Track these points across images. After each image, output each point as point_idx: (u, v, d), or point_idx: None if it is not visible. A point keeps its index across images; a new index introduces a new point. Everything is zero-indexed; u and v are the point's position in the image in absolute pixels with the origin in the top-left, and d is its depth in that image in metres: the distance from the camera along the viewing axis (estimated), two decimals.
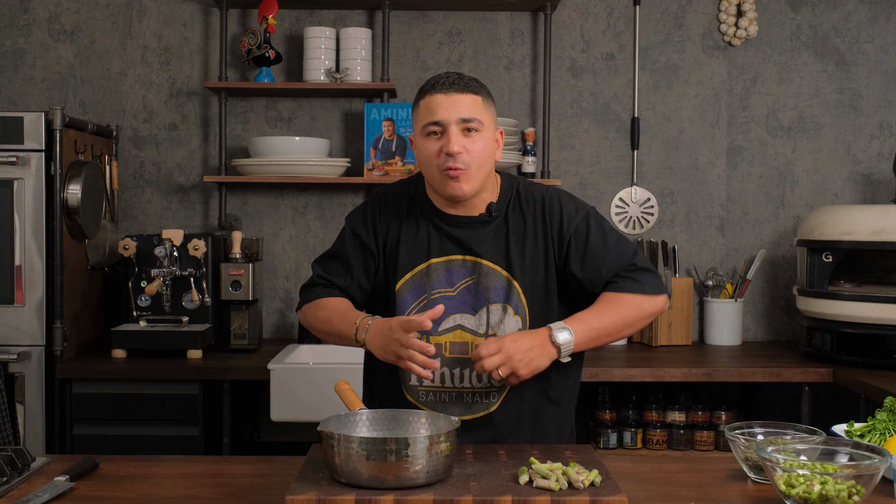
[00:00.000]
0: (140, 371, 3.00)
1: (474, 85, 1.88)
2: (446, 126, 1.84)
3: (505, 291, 1.91)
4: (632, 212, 3.66)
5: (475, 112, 1.86)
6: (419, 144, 1.90)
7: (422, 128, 1.88)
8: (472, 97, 1.86)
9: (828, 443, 1.62)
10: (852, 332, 3.03)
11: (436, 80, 1.88)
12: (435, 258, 1.93)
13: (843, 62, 3.65)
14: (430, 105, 1.86)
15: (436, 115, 1.85)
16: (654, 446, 3.30)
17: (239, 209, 3.64)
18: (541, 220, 1.94)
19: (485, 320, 1.91)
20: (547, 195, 1.97)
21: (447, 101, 1.85)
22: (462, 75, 1.89)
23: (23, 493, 1.60)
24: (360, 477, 1.48)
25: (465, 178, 1.85)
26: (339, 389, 1.80)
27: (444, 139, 1.85)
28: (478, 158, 1.86)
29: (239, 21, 3.62)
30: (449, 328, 1.91)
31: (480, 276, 1.91)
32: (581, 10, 3.65)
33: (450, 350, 1.91)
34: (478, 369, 1.77)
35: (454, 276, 1.92)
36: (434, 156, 1.86)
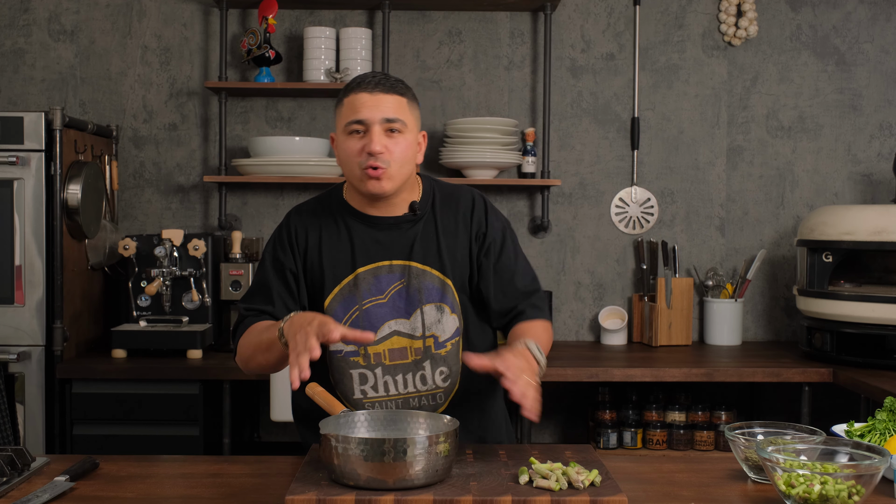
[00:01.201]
0: (140, 371, 3.00)
1: (400, 86, 1.87)
2: (369, 125, 1.83)
3: (439, 291, 1.91)
4: (632, 212, 3.66)
5: (399, 113, 1.85)
6: (341, 143, 1.88)
7: (344, 125, 1.86)
8: (397, 98, 1.85)
9: (828, 443, 1.62)
10: (852, 332, 3.03)
11: (361, 78, 1.87)
12: (362, 267, 1.90)
13: (843, 62, 3.65)
14: (354, 103, 1.84)
15: (359, 113, 1.83)
16: (654, 446, 3.30)
17: (239, 209, 3.64)
18: (470, 219, 1.95)
19: (420, 322, 1.89)
20: (475, 197, 1.99)
21: (372, 101, 1.83)
22: (388, 76, 1.89)
23: (23, 493, 1.60)
24: (358, 478, 1.48)
25: (386, 176, 1.84)
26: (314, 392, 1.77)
27: (367, 138, 1.83)
28: (399, 159, 1.85)
29: (239, 21, 3.62)
30: (385, 336, 1.89)
31: (411, 279, 1.90)
32: (581, 10, 3.65)
33: (389, 358, 1.89)
34: (529, 399, 1.64)
35: (383, 282, 1.90)
36: (356, 154, 1.84)
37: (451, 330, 1.91)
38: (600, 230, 3.67)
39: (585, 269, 3.68)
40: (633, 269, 3.69)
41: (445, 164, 3.49)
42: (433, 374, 1.91)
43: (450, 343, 1.92)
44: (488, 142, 3.41)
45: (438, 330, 1.90)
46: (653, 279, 3.55)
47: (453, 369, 1.93)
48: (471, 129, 3.41)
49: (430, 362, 1.90)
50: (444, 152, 3.47)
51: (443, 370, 1.92)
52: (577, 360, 3.16)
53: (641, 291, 3.64)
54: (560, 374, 3.01)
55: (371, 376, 1.89)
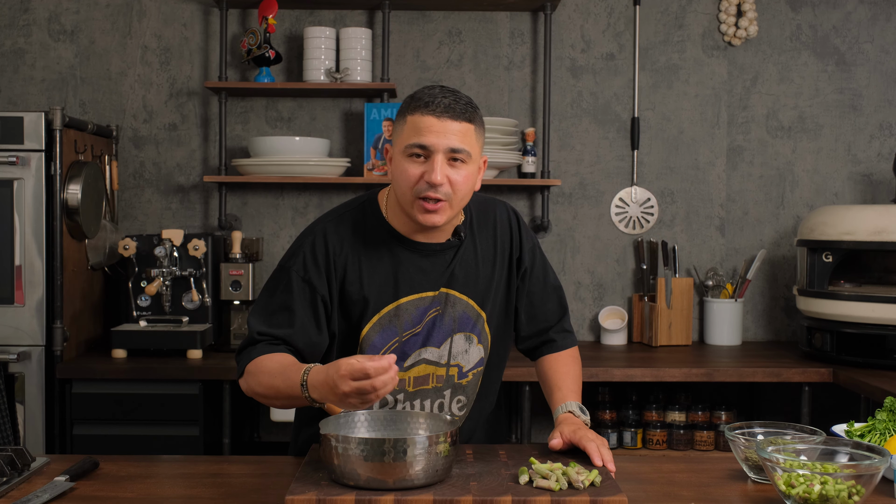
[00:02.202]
0: (140, 371, 3.00)
1: (469, 111, 1.74)
2: (433, 153, 1.71)
3: (472, 322, 1.87)
4: (632, 212, 3.66)
5: (465, 142, 1.72)
6: (399, 162, 1.75)
7: (405, 147, 1.73)
8: (465, 126, 1.72)
9: (828, 443, 1.62)
10: (852, 332, 3.03)
11: (430, 98, 1.73)
12: (405, 297, 1.81)
13: (843, 62, 3.65)
14: (418, 126, 1.72)
15: (423, 138, 1.71)
16: (654, 446, 3.30)
17: (239, 209, 3.64)
18: (506, 239, 1.91)
19: (447, 351, 1.85)
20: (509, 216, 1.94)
21: (438, 126, 1.70)
22: (458, 97, 1.74)
23: (23, 493, 1.60)
24: (358, 478, 1.48)
25: (442, 209, 1.73)
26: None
27: (428, 165, 1.71)
28: (460, 191, 1.74)
29: (239, 21, 3.62)
30: (413, 363, 1.84)
31: (447, 307, 1.84)
32: (581, 10, 3.65)
33: (413, 384, 1.86)
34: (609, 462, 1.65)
35: (421, 312, 1.83)
36: (413, 180, 1.72)
37: (475, 360, 1.89)
38: (600, 230, 3.67)
39: (585, 269, 3.68)
40: (633, 269, 3.69)
41: None
42: (451, 402, 1.89)
43: (471, 373, 1.89)
44: (488, 142, 3.41)
45: (464, 360, 1.87)
46: (653, 279, 3.55)
47: (470, 398, 1.91)
48: None
49: (451, 391, 1.88)
50: None
51: (461, 399, 1.90)
52: None
53: (641, 291, 3.64)
54: None
55: (391, 402, 1.86)
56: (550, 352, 1.97)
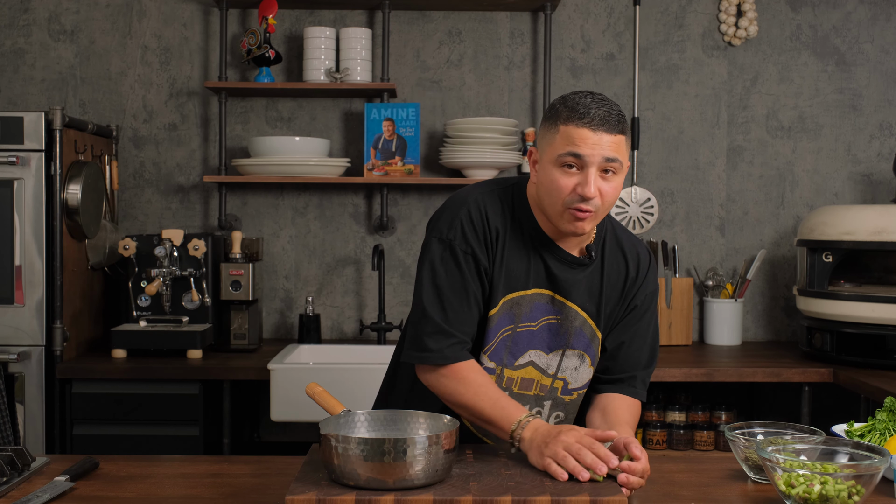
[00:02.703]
0: (140, 371, 3.00)
1: (622, 123, 1.73)
2: (587, 164, 1.69)
3: (587, 341, 1.84)
4: (632, 212, 3.66)
5: (618, 153, 1.71)
6: (549, 172, 1.72)
7: (557, 156, 1.71)
8: (619, 138, 1.71)
9: (828, 443, 1.62)
10: (852, 332, 3.03)
11: (584, 109, 1.70)
12: (532, 289, 1.81)
13: (843, 62, 3.65)
14: (572, 136, 1.69)
15: (579, 148, 1.69)
16: (654, 446, 3.30)
17: (239, 209, 3.64)
18: (632, 276, 1.88)
19: (556, 362, 1.84)
20: (641, 253, 1.90)
21: (594, 139, 1.69)
22: (611, 108, 1.72)
23: (23, 493, 1.60)
24: (358, 478, 1.48)
25: (590, 219, 1.73)
26: (313, 392, 1.76)
27: (581, 177, 1.69)
28: (609, 202, 1.73)
29: (239, 21, 3.62)
30: (523, 364, 1.83)
31: (564, 319, 1.82)
32: (581, 10, 3.65)
33: (519, 386, 1.84)
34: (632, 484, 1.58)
35: (537, 311, 1.81)
36: (566, 192, 1.70)
37: (584, 380, 1.87)
38: None
39: None
40: None
41: (445, 164, 3.49)
42: (549, 415, 1.87)
43: (577, 392, 1.88)
44: (488, 142, 3.41)
45: (572, 377, 1.85)
46: None
47: (569, 417, 1.90)
48: (471, 129, 3.41)
49: (551, 403, 1.87)
50: (444, 152, 3.47)
51: (559, 415, 1.88)
52: None
53: None
54: None
55: None
56: (621, 392, 1.88)
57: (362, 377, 2.90)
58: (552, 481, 1.54)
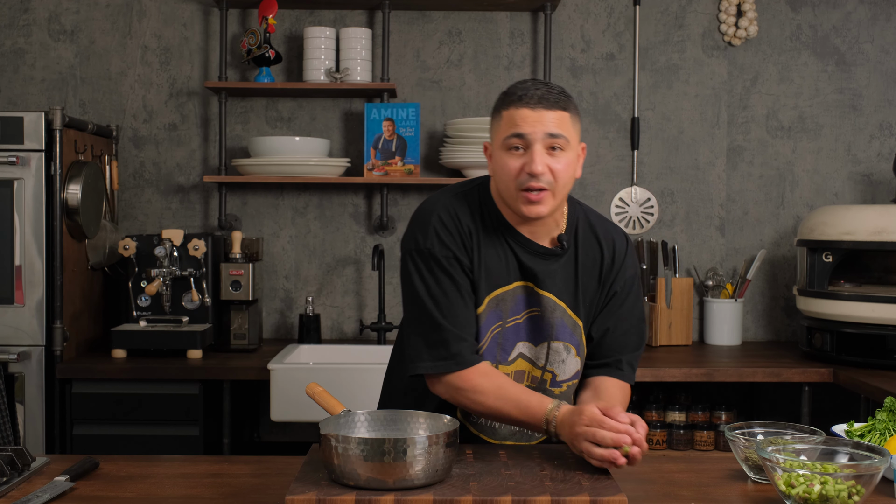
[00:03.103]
0: (140, 371, 3.00)
1: (563, 100, 1.76)
2: (531, 142, 1.73)
3: (570, 331, 1.85)
4: (632, 212, 3.66)
5: (562, 128, 1.74)
6: (498, 158, 1.78)
7: (503, 140, 1.76)
8: (560, 114, 1.74)
9: (828, 443, 1.62)
10: (852, 332, 3.03)
11: (523, 91, 1.75)
12: (514, 283, 1.83)
13: (843, 62, 3.65)
14: (514, 118, 1.74)
15: (520, 127, 1.73)
16: (654, 446, 3.30)
17: (239, 209, 3.64)
18: (608, 262, 1.88)
19: (544, 354, 1.85)
20: (617, 239, 1.90)
21: (534, 116, 1.73)
22: (550, 87, 1.77)
23: (23, 493, 1.60)
24: (358, 478, 1.48)
25: (545, 199, 1.75)
26: (313, 392, 1.76)
27: (527, 156, 1.73)
28: (561, 178, 1.75)
29: (239, 21, 3.62)
30: (515, 357, 1.85)
31: (545, 311, 1.83)
32: (581, 10, 3.65)
33: (514, 378, 1.85)
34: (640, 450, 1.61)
35: (519, 303, 1.83)
36: (514, 173, 1.74)
37: (571, 371, 1.88)
38: None
39: None
40: None
41: (445, 163, 3.49)
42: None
43: (566, 384, 1.88)
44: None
45: (560, 369, 1.86)
46: (653, 279, 3.55)
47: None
48: (471, 129, 3.41)
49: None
50: (445, 152, 3.47)
51: None
52: None
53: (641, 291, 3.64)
54: None
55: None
56: (610, 375, 1.89)
57: (362, 377, 2.90)
58: (552, 481, 1.54)
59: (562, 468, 1.62)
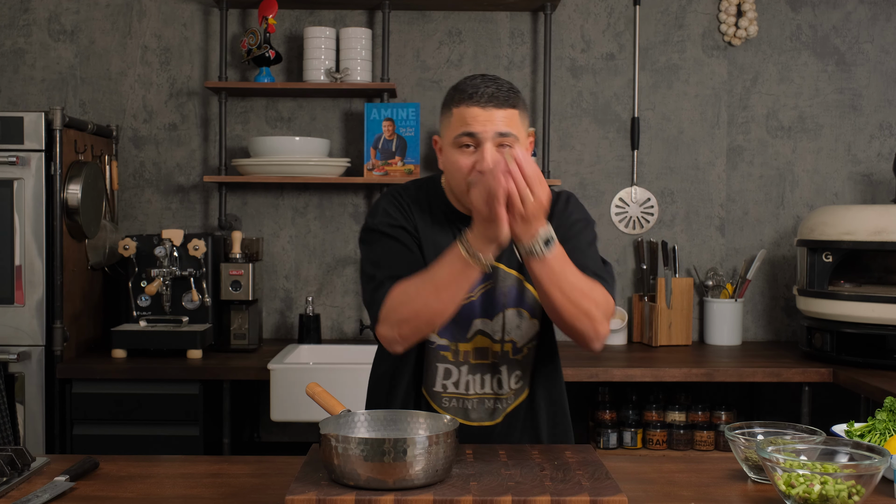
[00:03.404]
0: (140, 371, 3.00)
1: (512, 97, 1.79)
2: (481, 141, 1.76)
3: (518, 295, 1.88)
4: (632, 212, 3.66)
5: (511, 126, 1.77)
6: (449, 154, 1.81)
7: (453, 138, 1.79)
8: (510, 112, 1.78)
9: (828, 443, 1.62)
10: (852, 332, 3.03)
11: (473, 89, 1.77)
12: None
13: (843, 62, 3.65)
14: (464, 116, 1.77)
15: (470, 126, 1.76)
16: (654, 446, 3.30)
17: (239, 209, 3.64)
18: (550, 214, 1.87)
19: (500, 326, 1.88)
20: (560, 197, 1.94)
21: (484, 115, 1.76)
22: (500, 85, 1.79)
23: (23, 493, 1.60)
24: (358, 478, 1.48)
25: None
26: (313, 392, 1.76)
27: (478, 155, 1.76)
28: None
29: (239, 21, 3.62)
30: (472, 334, 1.89)
31: (497, 281, 1.87)
32: (581, 10, 3.65)
33: (474, 356, 1.89)
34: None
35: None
36: (465, 171, 1.77)
37: (529, 335, 1.90)
38: (600, 230, 3.66)
39: None
40: (633, 269, 3.69)
41: None
42: (509, 378, 1.91)
43: (526, 348, 1.91)
44: None
45: (517, 335, 1.89)
46: (653, 279, 3.55)
47: (526, 372, 1.93)
48: None
49: (507, 367, 1.90)
50: None
51: (517, 374, 1.91)
52: (577, 359, 3.16)
53: (641, 291, 3.64)
54: None
55: (456, 372, 1.89)
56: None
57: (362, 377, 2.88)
58: (552, 481, 1.54)
59: (562, 468, 1.62)
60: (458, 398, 1.91)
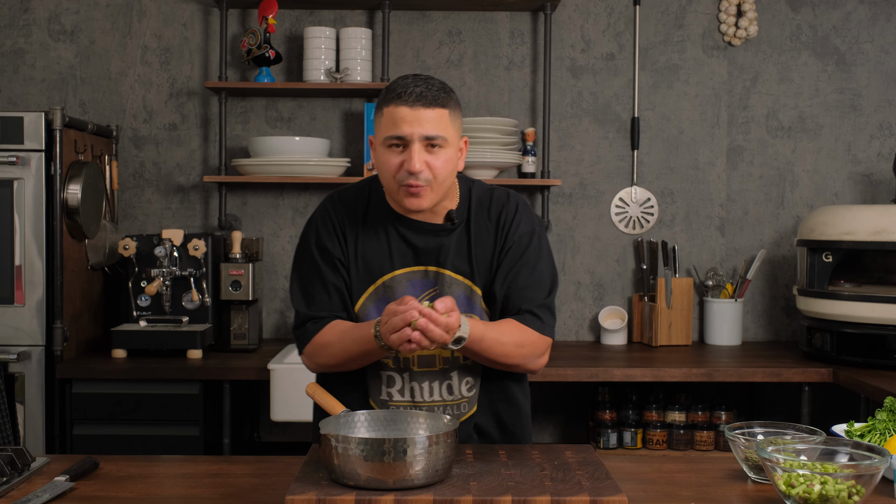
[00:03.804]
0: (140, 371, 3.00)
1: (442, 97, 1.79)
2: (409, 142, 1.77)
3: (468, 300, 1.88)
4: (632, 212, 3.66)
5: (440, 128, 1.78)
6: (379, 153, 1.82)
7: (384, 138, 1.80)
8: (439, 112, 1.78)
9: (828, 443, 1.62)
10: (852, 332, 3.03)
11: (403, 89, 1.78)
12: (398, 270, 1.87)
13: (843, 62, 3.65)
14: (393, 117, 1.78)
15: (399, 128, 1.77)
16: (654, 446, 3.30)
17: (239, 209, 3.64)
18: (500, 225, 1.90)
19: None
20: (507, 203, 1.93)
21: (412, 116, 1.76)
22: (430, 84, 1.79)
23: (23, 493, 1.60)
24: (358, 478, 1.48)
25: (425, 193, 1.79)
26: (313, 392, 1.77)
27: (406, 154, 1.77)
28: (440, 175, 1.79)
29: (239, 21, 3.62)
30: None
31: (444, 287, 1.86)
32: (581, 10, 3.65)
33: (417, 364, 1.87)
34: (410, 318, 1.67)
35: (417, 287, 1.87)
36: (395, 169, 1.79)
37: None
38: (600, 230, 3.67)
39: (585, 269, 3.68)
40: (633, 269, 3.69)
41: None
42: (460, 384, 1.90)
43: None
44: (488, 142, 3.41)
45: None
46: (653, 279, 3.55)
47: (477, 378, 1.92)
48: (471, 129, 3.41)
49: (458, 372, 1.89)
50: None
51: (468, 380, 1.90)
52: (577, 360, 3.16)
53: (641, 291, 3.64)
54: (560, 374, 3.01)
55: (399, 380, 1.88)
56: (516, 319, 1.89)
57: None
58: (552, 481, 1.54)
59: (562, 468, 1.62)
60: (405, 407, 1.88)
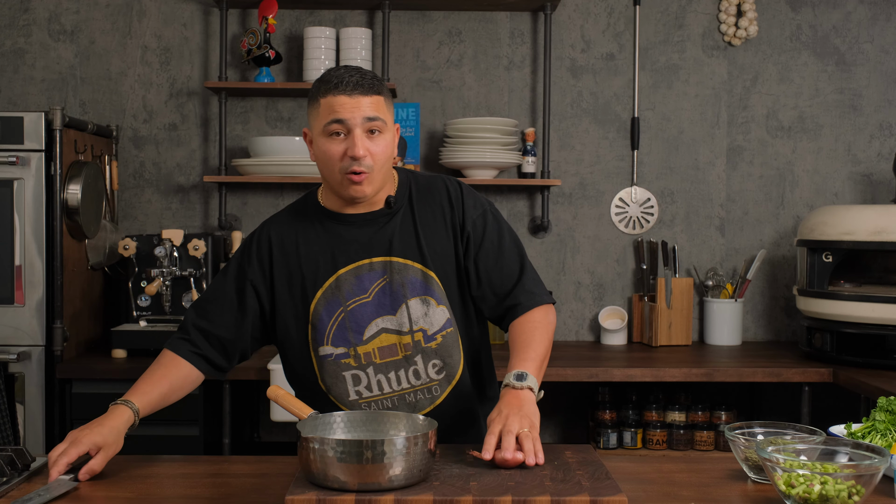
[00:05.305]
0: (140, 371, 2.96)
1: (377, 84, 1.83)
2: (351, 128, 1.80)
3: (422, 284, 1.88)
4: (632, 212, 3.66)
5: (379, 112, 1.82)
6: (320, 145, 1.84)
7: (323, 126, 1.82)
8: (376, 98, 1.82)
9: (828, 443, 1.62)
10: (852, 332, 3.03)
11: (338, 79, 1.81)
12: (342, 268, 1.88)
13: (843, 62, 3.65)
14: (332, 105, 1.80)
15: (339, 114, 1.80)
16: (654, 446, 3.30)
17: (239, 209, 3.64)
18: (448, 210, 1.93)
19: (406, 318, 1.88)
20: (450, 186, 1.95)
21: (351, 103, 1.80)
22: (363, 73, 1.83)
23: (23, 492, 1.60)
24: (337, 481, 1.46)
25: (369, 180, 1.83)
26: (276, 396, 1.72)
27: (349, 141, 1.80)
28: (381, 160, 1.83)
29: (239, 21, 3.62)
30: (373, 334, 1.87)
31: (393, 274, 1.88)
32: (581, 10, 3.65)
33: (379, 356, 1.88)
34: (510, 460, 1.60)
35: (365, 281, 1.88)
36: (337, 158, 1.82)
37: (440, 322, 1.90)
38: (600, 230, 3.67)
39: (585, 269, 3.68)
40: (633, 269, 3.69)
41: (445, 164, 3.49)
42: (426, 367, 1.90)
43: (440, 335, 1.90)
44: (488, 142, 3.41)
45: (426, 323, 1.88)
46: (653, 279, 3.55)
47: (448, 361, 1.91)
48: (471, 129, 3.41)
49: (422, 356, 1.89)
50: (444, 152, 3.48)
51: (436, 363, 1.90)
52: (577, 360, 3.16)
53: (641, 291, 3.64)
54: (560, 374, 3.01)
55: (364, 377, 1.89)
56: (515, 316, 1.92)
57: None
58: (552, 481, 1.54)
59: (562, 468, 1.62)
60: (375, 401, 1.89)
